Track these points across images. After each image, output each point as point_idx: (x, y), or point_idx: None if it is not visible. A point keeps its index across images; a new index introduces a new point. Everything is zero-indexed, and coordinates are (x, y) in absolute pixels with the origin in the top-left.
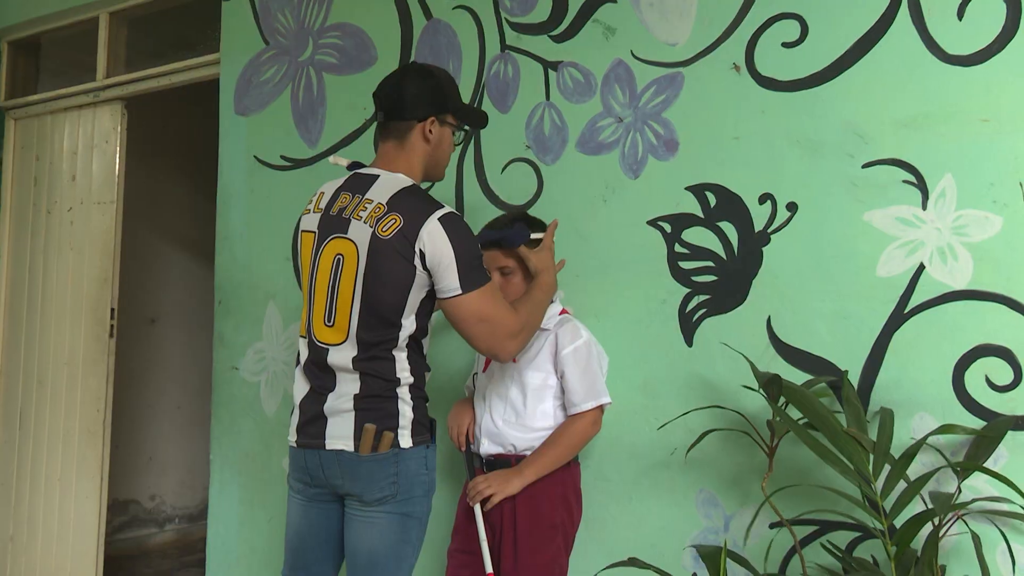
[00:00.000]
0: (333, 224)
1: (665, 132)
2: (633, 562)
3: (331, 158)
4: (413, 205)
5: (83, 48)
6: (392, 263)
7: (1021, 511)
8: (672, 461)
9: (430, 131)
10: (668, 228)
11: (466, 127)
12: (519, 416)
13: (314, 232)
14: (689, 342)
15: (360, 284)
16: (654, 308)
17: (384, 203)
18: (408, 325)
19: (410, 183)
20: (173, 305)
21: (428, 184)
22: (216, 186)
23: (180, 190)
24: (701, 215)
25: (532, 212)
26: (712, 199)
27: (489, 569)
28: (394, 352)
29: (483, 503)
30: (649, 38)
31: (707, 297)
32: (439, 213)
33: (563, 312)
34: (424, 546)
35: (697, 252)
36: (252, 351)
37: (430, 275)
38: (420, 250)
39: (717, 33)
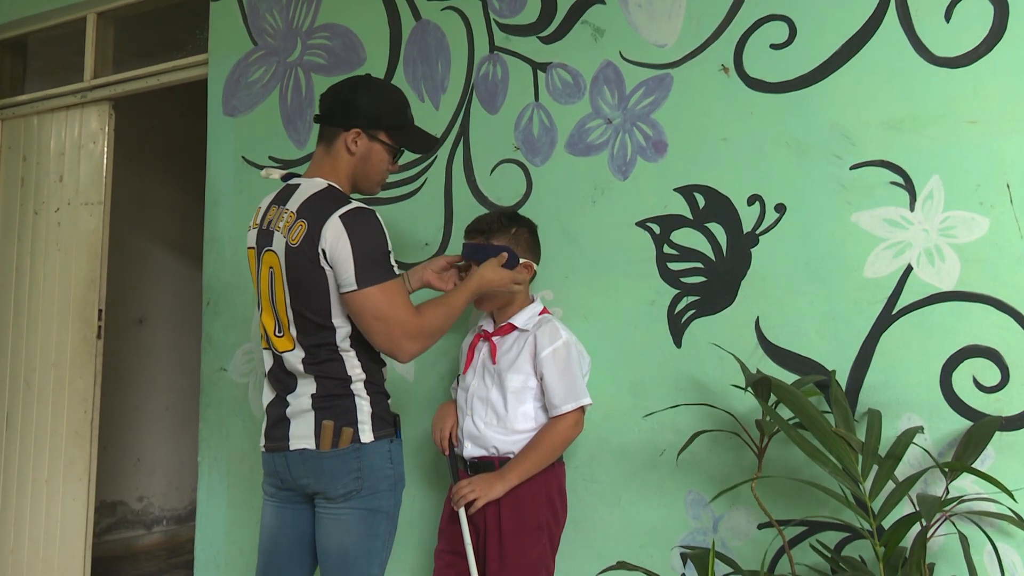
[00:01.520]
0: (264, 238)
1: (654, 133)
2: (622, 565)
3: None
4: (318, 208)
5: (70, 48)
6: (304, 270)
7: (1008, 512)
8: (661, 462)
9: (354, 142)
10: (657, 229)
11: (402, 149)
12: (500, 419)
13: (254, 248)
14: (678, 343)
15: (287, 293)
16: (643, 309)
17: (295, 211)
18: (342, 325)
19: (324, 186)
20: (161, 306)
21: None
22: (204, 187)
23: (168, 191)
24: (690, 216)
25: (521, 213)
26: (701, 200)
27: (475, 574)
28: (340, 352)
29: (467, 507)
30: (638, 39)
31: (696, 298)
32: (342, 210)
33: (543, 312)
34: (412, 546)
35: (686, 253)
36: (240, 352)
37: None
38: (323, 250)
39: (706, 35)
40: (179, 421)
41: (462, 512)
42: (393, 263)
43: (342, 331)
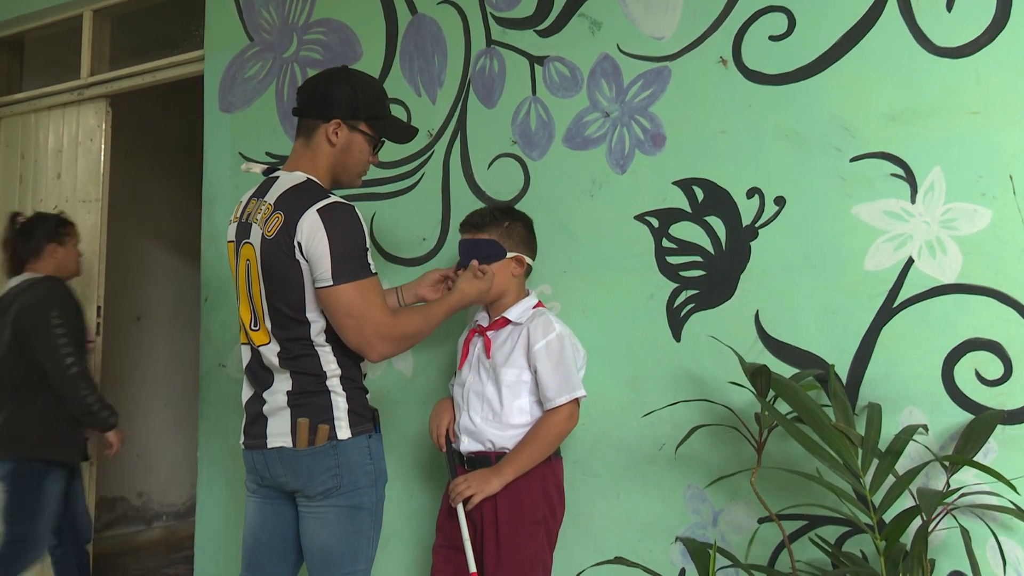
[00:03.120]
0: (242, 231)
1: (652, 126)
2: (619, 560)
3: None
4: (296, 201)
5: (67, 46)
6: (279, 263)
7: (1010, 505)
8: (660, 456)
9: (335, 133)
10: (655, 223)
11: (383, 139)
12: (496, 413)
13: (233, 241)
14: (677, 337)
15: (262, 286)
16: (642, 303)
17: (272, 203)
18: (316, 319)
19: (303, 180)
20: (159, 303)
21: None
22: (201, 183)
23: (165, 188)
24: (688, 210)
25: (519, 208)
26: (699, 194)
27: (473, 569)
28: (316, 348)
29: (464, 503)
30: (635, 32)
31: (695, 292)
32: (320, 204)
33: (538, 306)
34: (410, 542)
35: (685, 247)
36: (238, 348)
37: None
38: (299, 243)
39: (704, 27)
40: (178, 417)
41: (460, 508)
42: (370, 261)
43: (316, 325)
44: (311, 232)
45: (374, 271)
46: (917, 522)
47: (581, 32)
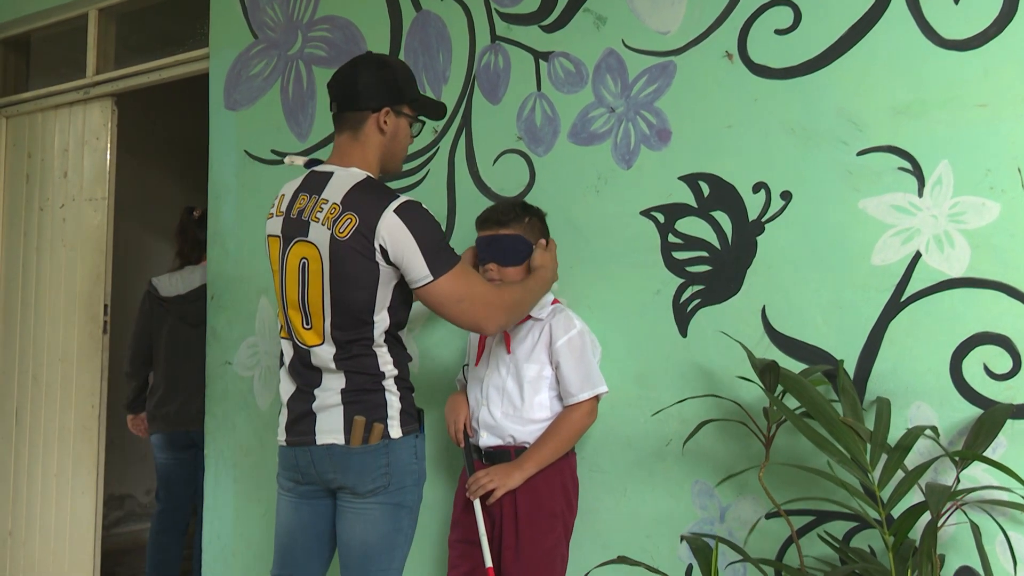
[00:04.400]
0: (294, 227)
1: (657, 122)
2: (623, 560)
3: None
4: (367, 201)
5: (73, 45)
6: (354, 264)
7: (1020, 500)
8: (667, 452)
9: (385, 122)
10: (661, 218)
11: (422, 119)
12: (516, 408)
13: (278, 236)
14: (684, 333)
15: (328, 287)
16: (648, 299)
17: (339, 203)
18: (381, 321)
19: (363, 177)
20: None
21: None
22: (207, 181)
23: (171, 186)
24: (694, 205)
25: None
26: (705, 188)
27: (489, 564)
28: (374, 348)
29: (485, 497)
30: (640, 27)
31: (701, 287)
32: (394, 205)
33: (555, 302)
34: (426, 536)
35: (691, 242)
36: (245, 345)
37: (397, 268)
38: (380, 246)
39: (709, 21)
40: None
41: (477, 502)
42: (451, 246)
43: (380, 327)
44: (395, 237)
45: (459, 254)
46: (926, 517)
47: (586, 27)
